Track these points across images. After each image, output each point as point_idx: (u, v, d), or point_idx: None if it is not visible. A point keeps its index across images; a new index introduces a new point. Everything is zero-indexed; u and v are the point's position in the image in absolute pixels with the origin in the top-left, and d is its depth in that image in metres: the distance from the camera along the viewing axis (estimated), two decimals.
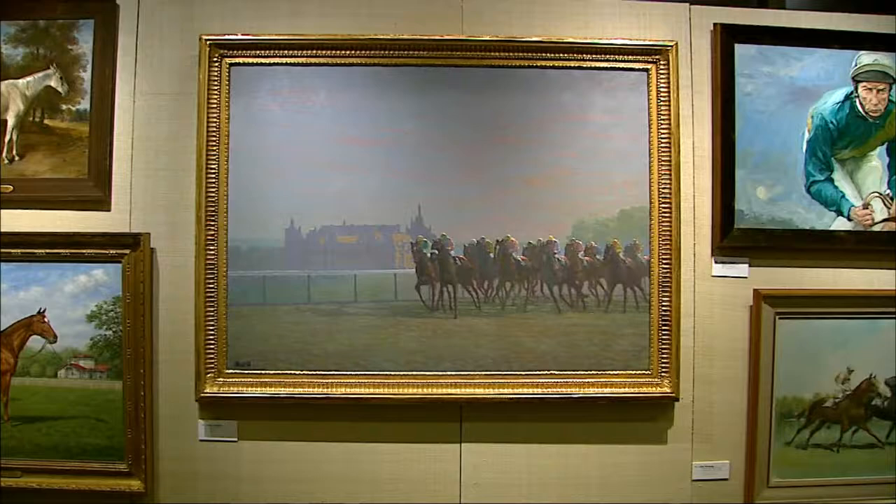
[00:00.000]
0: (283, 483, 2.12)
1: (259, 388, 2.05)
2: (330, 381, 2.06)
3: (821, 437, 2.20)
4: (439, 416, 2.12)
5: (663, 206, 2.09)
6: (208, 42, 2.05)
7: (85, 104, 2.06)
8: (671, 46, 2.11)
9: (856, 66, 2.18)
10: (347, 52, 2.08)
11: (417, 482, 2.13)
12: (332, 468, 2.12)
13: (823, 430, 2.20)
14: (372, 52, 2.08)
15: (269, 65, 2.08)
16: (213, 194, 2.03)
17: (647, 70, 2.12)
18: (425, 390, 2.07)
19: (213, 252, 2.03)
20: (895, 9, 2.22)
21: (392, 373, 2.07)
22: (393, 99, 2.08)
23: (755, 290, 2.14)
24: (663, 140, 2.10)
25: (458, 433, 2.14)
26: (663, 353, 2.09)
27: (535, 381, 2.08)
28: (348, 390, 2.06)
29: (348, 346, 2.06)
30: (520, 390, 2.07)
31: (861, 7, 2.23)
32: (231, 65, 2.06)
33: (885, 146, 2.20)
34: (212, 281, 2.03)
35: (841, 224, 2.18)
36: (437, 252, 2.08)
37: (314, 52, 2.08)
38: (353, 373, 2.07)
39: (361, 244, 2.08)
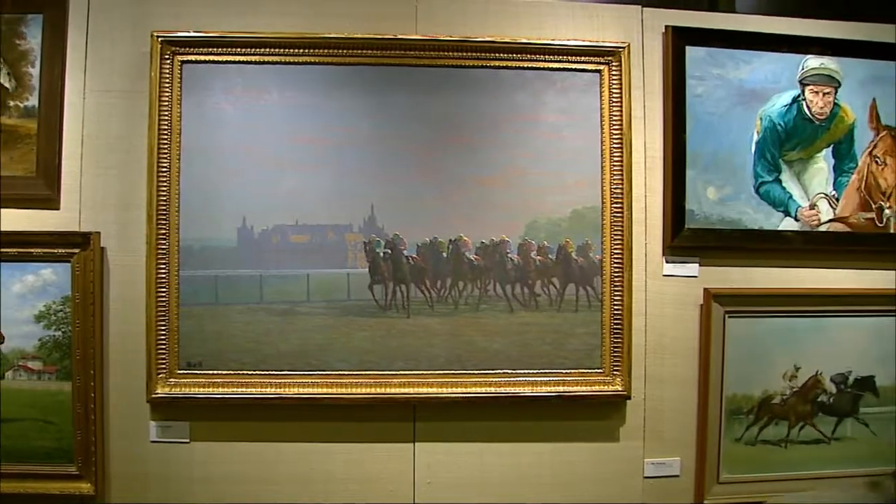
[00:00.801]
0: (237, 484, 2.17)
1: (211, 389, 2.11)
2: (283, 381, 2.12)
3: (769, 433, 2.32)
4: (393, 416, 2.20)
5: (615, 206, 2.19)
6: (160, 39, 2.09)
7: (33, 101, 2.10)
8: (623, 48, 2.21)
9: (803, 69, 2.30)
10: (301, 51, 2.14)
11: (371, 482, 2.20)
12: (286, 468, 2.18)
13: (772, 426, 2.31)
14: (326, 50, 2.14)
15: (222, 62, 2.13)
16: (164, 193, 2.08)
17: (599, 71, 2.22)
18: (378, 390, 2.14)
19: (164, 251, 2.08)
20: (840, 14, 2.34)
21: (345, 372, 2.14)
22: (347, 98, 2.15)
23: (705, 290, 2.25)
24: (615, 140, 2.19)
25: (412, 432, 2.22)
26: (615, 352, 2.19)
27: (487, 380, 2.17)
28: (301, 390, 2.12)
29: (301, 346, 2.13)
30: (473, 389, 2.16)
31: (808, 12, 2.36)
32: (183, 62, 2.12)
33: (830, 148, 2.32)
34: (163, 280, 2.08)
35: (788, 224, 2.30)
36: (389, 251, 2.16)
37: (268, 50, 2.14)
38: (306, 372, 2.13)
39: (314, 243, 2.14)
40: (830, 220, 2.31)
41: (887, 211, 2.33)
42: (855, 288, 2.35)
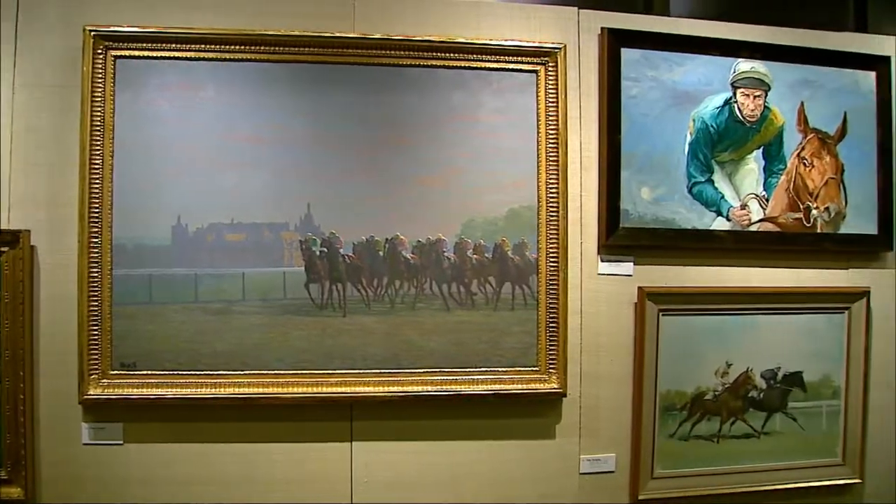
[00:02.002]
0: (172, 485, 2.25)
1: (145, 390, 2.20)
2: (218, 381, 2.23)
3: (702, 428, 2.51)
4: (330, 415, 2.31)
5: (551, 205, 2.36)
6: (92, 33, 2.16)
7: None
8: (559, 49, 2.38)
9: (734, 72, 2.51)
10: (238, 48, 2.24)
11: (309, 482, 2.31)
12: (223, 469, 2.27)
13: (704, 422, 2.51)
14: (263, 48, 2.25)
15: (157, 58, 2.22)
16: (96, 191, 2.17)
17: (536, 72, 2.38)
18: (315, 389, 2.26)
19: (96, 250, 2.17)
20: (771, 20, 2.56)
21: (282, 372, 2.25)
22: (284, 96, 2.27)
23: (639, 288, 2.44)
24: (551, 140, 2.36)
25: (349, 432, 2.34)
26: (551, 350, 2.37)
27: (424, 378, 2.31)
28: (237, 390, 2.23)
29: (237, 346, 2.24)
30: (409, 388, 2.29)
31: (740, 17, 2.57)
32: (116, 57, 2.21)
33: (760, 150, 2.53)
34: (95, 280, 2.18)
35: (720, 224, 2.50)
36: (326, 250, 2.28)
37: (204, 46, 2.23)
38: (242, 372, 2.24)
39: (250, 242, 2.26)
40: (761, 220, 2.52)
41: (814, 211, 2.55)
42: (784, 286, 2.56)
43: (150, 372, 2.21)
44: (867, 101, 2.63)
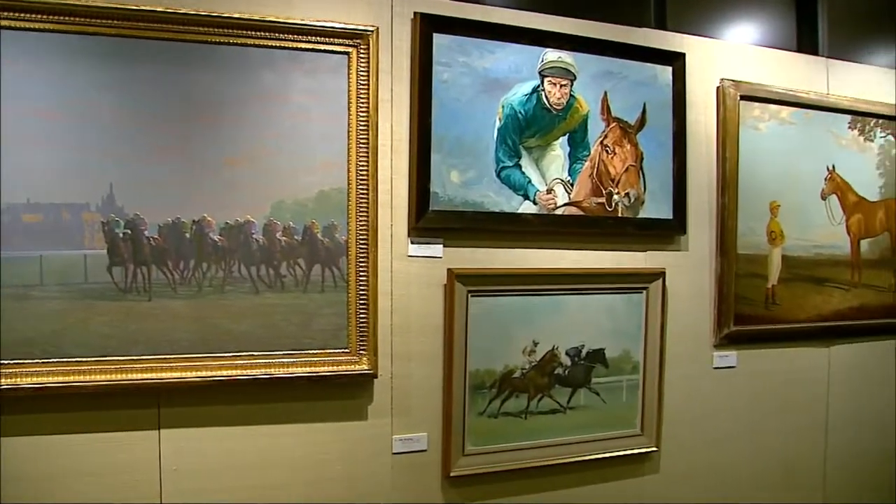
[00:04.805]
0: None
1: None
2: (15, 370, 2.38)
3: (510, 405, 3.01)
4: (136, 403, 2.55)
5: (361, 187, 2.74)
6: None
7: None
8: (372, 31, 2.74)
9: (542, 61, 3.01)
10: (36, 17, 2.34)
11: (114, 473, 2.52)
12: (21, 466, 2.34)
13: (513, 399, 3.02)
14: (63, 17, 2.37)
15: None
16: None
17: (347, 53, 2.74)
18: (120, 376, 2.49)
19: None
20: (578, 12, 3.10)
21: (83, 359, 2.46)
22: (85, 71, 2.45)
23: (449, 270, 2.88)
24: (362, 123, 2.72)
25: (157, 419, 2.61)
26: (361, 332, 2.76)
27: (233, 362, 2.61)
28: (36, 380, 2.40)
29: (34, 333, 2.41)
30: (218, 373, 2.58)
31: (549, 8, 3.06)
32: None
33: (566, 137, 3.05)
34: None
35: (528, 207, 3.00)
36: (129, 232, 2.51)
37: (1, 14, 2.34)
38: (40, 361, 2.42)
39: (48, 223, 2.44)
40: (566, 204, 3.07)
41: (616, 196, 3.15)
42: (587, 268, 3.11)
43: None
44: (664, 94, 3.23)
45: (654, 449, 3.26)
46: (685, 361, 3.38)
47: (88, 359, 2.46)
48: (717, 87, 3.31)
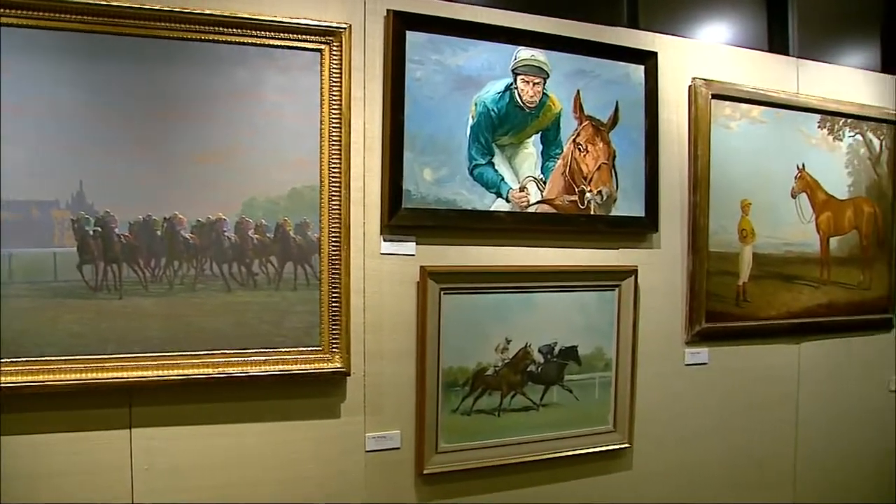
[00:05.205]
0: None
1: None
2: None
3: (483, 403, 3.03)
4: (107, 402, 2.54)
5: (333, 185, 2.75)
6: None
7: None
8: (345, 29, 2.74)
9: (515, 59, 3.03)
10: (2, 11, 2.38)
11: (85, 472, 2.50)
12: None
13: (486, 396, 3.03)
14: (29, 12, 2.39)
15: None
16: None
17: (320, 51, 2.74)
18: (91, 375, 2.48)
19: None
20: (552, 11, 3.13)
21: (53, 358, 2.45)
22: (53, 66, 2.43)
23: (421, 267, 2.89)
24: (334, 120, 2.73)
25: (128, 418, 2.60)
26: (334, 330, 2.77)
27: (205, 361, 2.61)
28: (4, 379, 2.38)
29: (3, 332, 2.41)
30: (190, 371, 2.58)
31: (522, 6, 3.08)
32: None
33: (539, 135, 3.07)
34: None
35: (500, 205, 3.01)
36: (100, 229, 2.50)
37: None
38: (9, 360, 2.40)
39: (16, 221, 2.43)
40: (538, 202, 3.09)
41: (588, 194, 3.17)
42: (560, 265, 3.14)
43: None
44: (637, 93, 3.26)
45: (627, 445, 3.30)
46: (657, 358, 3.42)
47: (58, 358, 2.45)
48: (689, 86, 3.34)
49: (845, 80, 3.94)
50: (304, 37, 2.72)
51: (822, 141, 3.77)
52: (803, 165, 3.70)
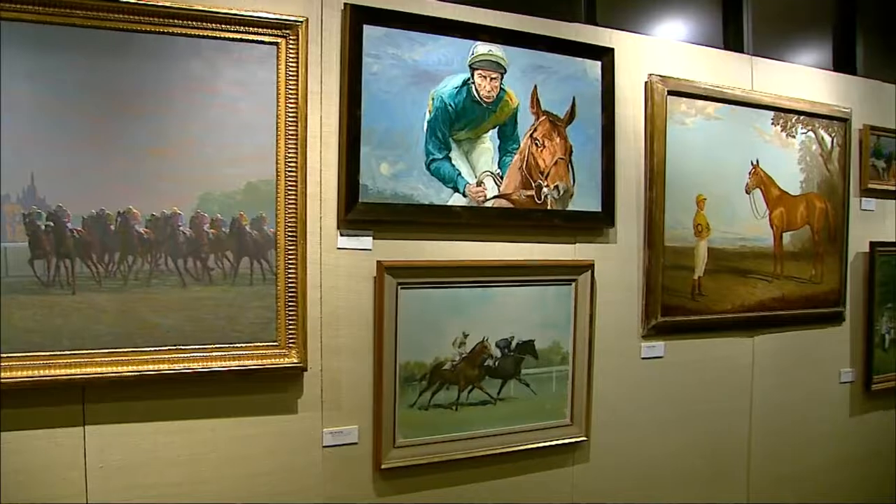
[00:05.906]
0: None
1: None
2: None
3: (441, 397, 3.06)
4: (60, 399, 2.52)
5: (289, 179, 2.75)
6: None
7: None
8: (301, 22, 2.75)
9: (473, 54, 3.05)
10: None
11: (37, 471, 2.51)
12: None
13: (443, 391, 3.06)
14: None
15: None
16: None
17: (277, 44, 2.74)
18: (43, 372, 2.47)
19: None
20: (510, 6, 3.16)
21: (4, 355, 2.43)
22: (3, 58, 2.43)
23: (378, 262, 2.91)
24: (290, 114, 2.74)
25: (82, 415, 2.59)
26: (290, 325, 2.78)
27: (160, 357, 2.60)
28: None
29: None
30: (145, 367, 2.57)
31: (479, 1, 3.11)
32: None
33: (496, 129, 3.10)
34: None
35: (457, 200, 3.04)
36: (52, 224, 2.48)
37: None
38: None
39: None
40: (495, 197, 3.12)
41: (545, 189, 3.21)
42: (517, 259, 3.18)
43: None
44: (594, 88, 3.30)
45: (584, 439, 3.35)
46: (614, 352, 3.47)
47: (10, 354, 2.43)
48: (646, 83, 3.41)
49: (799, 78, 4.03)
50: (260, 30, 2.71)
51: (776, 137, 3.84)
52: (757, 161, 3.78)
